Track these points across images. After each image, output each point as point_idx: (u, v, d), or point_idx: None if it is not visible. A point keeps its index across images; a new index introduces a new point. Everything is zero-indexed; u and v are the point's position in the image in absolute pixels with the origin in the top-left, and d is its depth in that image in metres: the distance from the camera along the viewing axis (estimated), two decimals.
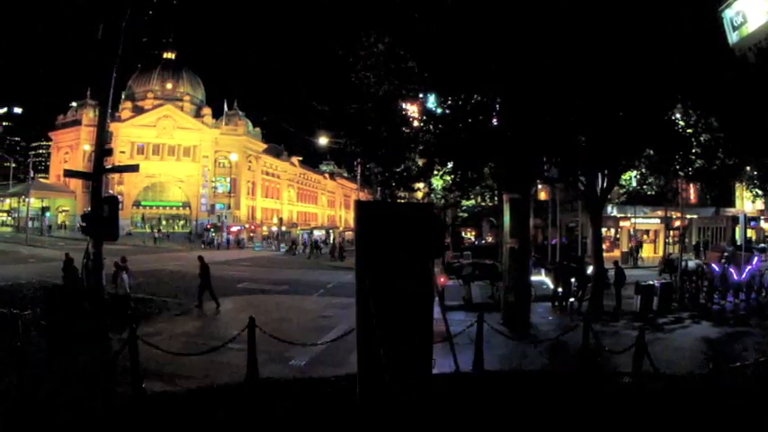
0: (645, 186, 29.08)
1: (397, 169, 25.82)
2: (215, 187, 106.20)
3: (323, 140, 48.64)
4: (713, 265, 26.03)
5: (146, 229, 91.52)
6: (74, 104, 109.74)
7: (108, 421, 9.41)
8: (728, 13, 35.79)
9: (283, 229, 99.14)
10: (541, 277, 26.76)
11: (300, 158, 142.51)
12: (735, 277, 25.41)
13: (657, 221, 53.96)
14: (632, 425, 9.72)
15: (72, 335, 15.03)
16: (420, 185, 33.37)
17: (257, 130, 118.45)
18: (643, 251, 52.90)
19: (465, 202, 43.22)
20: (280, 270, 44.74)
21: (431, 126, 21.03)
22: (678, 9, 18.38)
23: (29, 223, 74.02)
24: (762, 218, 55.78)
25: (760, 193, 35.66)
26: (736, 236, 46.93)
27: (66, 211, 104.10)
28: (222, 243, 79.34)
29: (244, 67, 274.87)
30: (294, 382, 11.89)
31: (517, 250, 20.28)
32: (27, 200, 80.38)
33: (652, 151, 22.25)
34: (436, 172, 23.04)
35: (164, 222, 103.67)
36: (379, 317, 8.86)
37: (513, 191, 20.65)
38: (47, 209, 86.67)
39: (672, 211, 45.60)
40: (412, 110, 23.40)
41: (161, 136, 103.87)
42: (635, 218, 51.47)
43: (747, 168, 31.40)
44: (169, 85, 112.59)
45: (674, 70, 18.63)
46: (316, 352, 14.52)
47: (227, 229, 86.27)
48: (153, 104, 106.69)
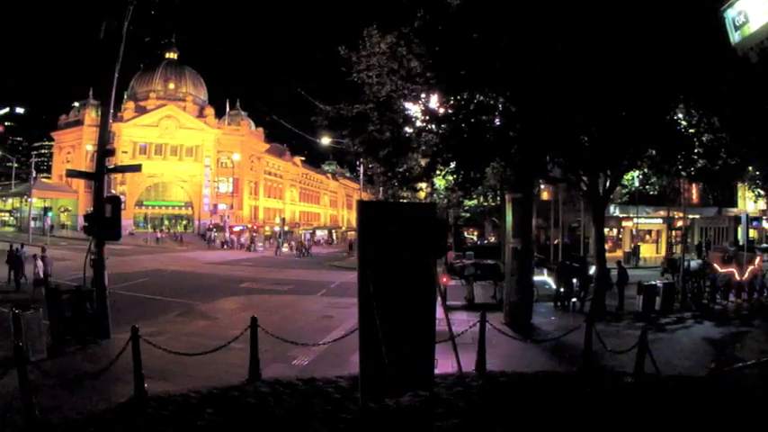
0: (647, 186, 29.14)
1: (400, 169, 25.79)
2: (217, 187, 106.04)
3: (325, 140, 48.71)
4: (715, 266, 26.04)
5: (148, 228, 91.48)
6: (76, 104, 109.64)
7: (110, 421, 9.42)
8: (730, 13, 35.62)
9: (286, 228, 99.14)
10: (544, 277, 26.77)
11: (303, 158, 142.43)
12: (736, 277, 25.43)
13: (660, 221, 54.06)
14: (635, 425, 9.72)
15: (74, 334, 15.07)
16: (422, 185, 33.35)
17: (260, 129, 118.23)
18: (643, 251, 52.84)
19: (467, 202, 43.15)
20: (282, 270, 44.78)
21: (433, 126, 21.00)
22: (678, 9, 18.36)
23: (31, 223, 73.93)
24: (764, 218, 55.75)
25: (762, 193, 35.72)
26: (739, 236, 46.86)
27: (69, 210, 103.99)
28: (226, 243, 79.44)
29: (246, 67, 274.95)
30: (297, 382, 11.89)
31: (520, 250, 20.29)
32: (29, 200, 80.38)
33: (654, 151, 22.22)
34: (439, 172, 22.98)
35: (166, 222, 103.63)
36: (382, 317, 8.87)
37: (516, 191, 20.66)
38: (49, 209, 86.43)
39: (674, 211, 45.76)
40: (414, 110, 23.38)
41: (163, 136, 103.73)
42: (637, 218, 51.50)
43: (750, 168, 31.37)
44: (171, 85, 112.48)
45: (676, 70, 18.61)
46: (318, 352, 14.53)
47: (229, 229, 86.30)
48: (155, 104, 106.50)
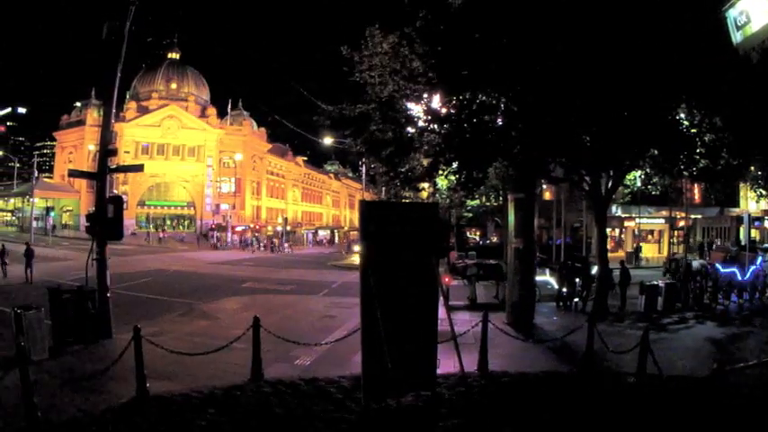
0: (649, 186, 29.02)
1: (402, 169, 25.78)
2: (220, 187, 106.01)
3: (328, 140, 48.72)
4: (717, 266, 26.01)
5: (150, 228, 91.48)
6: (78, 104, 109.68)
7: (112, 421, 9.42)
8: (732, 13, 35.58)
9: (288, 228, 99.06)
10: (546, 277, 26.78)
11: (305, 158, 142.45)
12: (739, 277, 25.40)
13: (662, 221, 54.03)
14: (637, 425, 9.72)
15: (76, 334, 15.08)
16: (425, 185, 33.37)
17: (262, 129, 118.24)
18: (645, 251, 52.81)
19: (470, 201, 43.20)
20: (284, 270, 44.79)
21: (435, 126, 21.00)
22: (678, 9, 18.34)
23: (33, 223, 73.97)
24: (766, 218, 55.58)
25: (764, 192, 35.57)
26: (741, 236, 46.84)
27: (71, 210, 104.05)
28: (228, 243, 79.55)
29: (248, 67, 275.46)
30: (299, 381, 11.89)
31: (522, 250, 20.29)
32: (31, 200, 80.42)
33: (656, 151, 22.21)
34: (441, 172, 22.98)
35: (168, 222, 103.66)
36: (384, 317, 8.87)
37: (518, 191, 20.66)
38: (51, 209, 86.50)
39: (676, 211, 45.65)
40: (417, 109, 23.37)
41: (166, 136, 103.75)
42: (639, 218, 51.48)
43: (752, 168, 31.31)
44: (174, 85, 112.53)
45: (678, 70, 18.60)
46: (320, 352, 14.50)
47: (231, 229, 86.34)
48: (157, 104, 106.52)
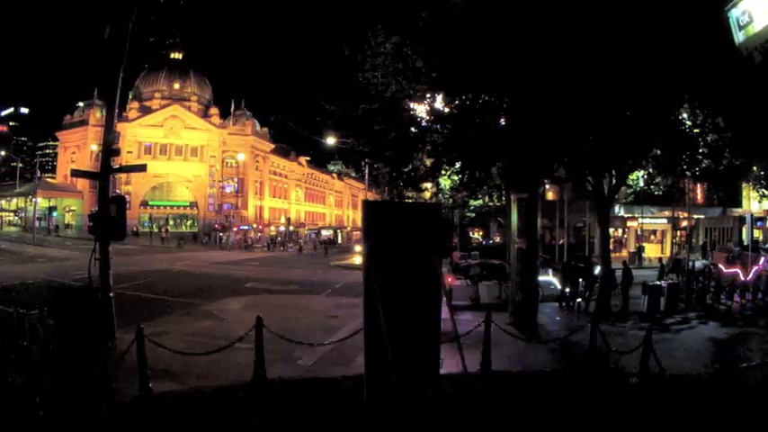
0: (652, 186, 29.02)
1: (405, 169, 25.80)
2: (222, 187, 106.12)
3: (331, 140, 48.64)
4: (720, 266, 25.99)
5: (153, 228, 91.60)
6: (81, 104, 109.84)
7: (114, 421, 9.44)
8: (735, 13, 35.51)
9: (291, 228, 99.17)
10: (549, 277, 26.73)
11: (308, 158, 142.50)
12: (741, 278, 25.37)
13: (665, 221, 53.91)
14: (640, 425, 9.72)
15: (79, 334, 15.09)
16: (428, 185, 33.34)
17: (265, 129, 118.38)
18: (648, 251, 52.74)
19: (473, 201, 43.12)
20: (287, 270, 44.80)
21: (438, 126, 21.02)
22: (679, 8, 18.32)
23: (36, 223, 74.17)
24: None
25: (767, 192, 35.52)
26: (743, 236, 46.77)
27: (73, 210, 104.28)
28: (231, 242, 79.66)
29: (251, 67, 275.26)
30: (301, 381, 11.90)
31: (525, 250, 20.27)
32: (34, 199, 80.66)
33: (659, 151, 22.20)
34: (444, 172, 23.03)
35: (171, 222, 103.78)
36: (387, 317, 8.87)
37: (521, 191, 20.63)
38: (54, 209, 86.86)
39: (679, 211, 45.53)
40: (420, 110, 23.37)
41: (168, 136, 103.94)
42: (642, 218, 51.36)
43: (754, 168, 31.29)
44: (176, 85, 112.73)
45: (680, 70, 18.58)
46: (323, 352, 14.51)
47: (234, 229, 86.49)
48: (160, 104, 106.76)
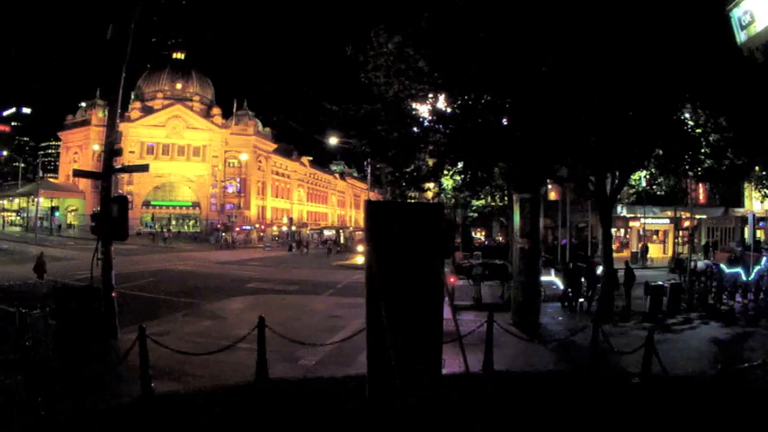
0: (654, 186, 29.02)
1: (408, 169, 25.73)
2: (225, 187, 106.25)
3: (333, 140, 48.63)
4: (722, 266, 25.93)
5: (156, 228, 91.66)
6: (83, 104, 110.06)
7: (116, 420, 9.45)
8: (736, 12, 35.58)
9: (293, 228, 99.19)
10: (551, 277, 26.72)
11: (310, 158, 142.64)
12: (743, 278, 25.32)
13: (667, 222, 53.80)
14: (642, 425, 9.71)
15: (81, 334, 15.10)
16: (430, 185, 33.29)
17: (267, 129, 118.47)
18: (650, 251, 52.69)
19: (475, 201, 43.13)
20: (289, 270, 44.82)
21: (441, 126, 21.00)
22: (681, 8, 18.29)
23: (38, 223, 74.24)
24: None
25: None
26: (746, 236, 46.73)
27: (76, 210, 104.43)
28: (235, 242, 79.74)
29: (254, 67, 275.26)
30: (303, 381, 11.91)
31: (527, 250, 20.26)
32: (36, 200, 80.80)
33: (661, 151, 22.18)
34: (446, 172, 22.98)
35: (173, 222, 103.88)
36: (389, 317, 8.86)
37: (524, 191, 20.62)
38: (56, 209, 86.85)
39: (681, 211, 45.50)
40: (422, 110, 23.35)
41: (171, 136, 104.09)
42: (644, 218, 51.31)
43: (756, 168, 31.25)
44: (179, 85, 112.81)
45: (682, 70, 18.56)
46: (325, 352, 14.52)
47: (236, 229, 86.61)
48: (162, 104, 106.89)
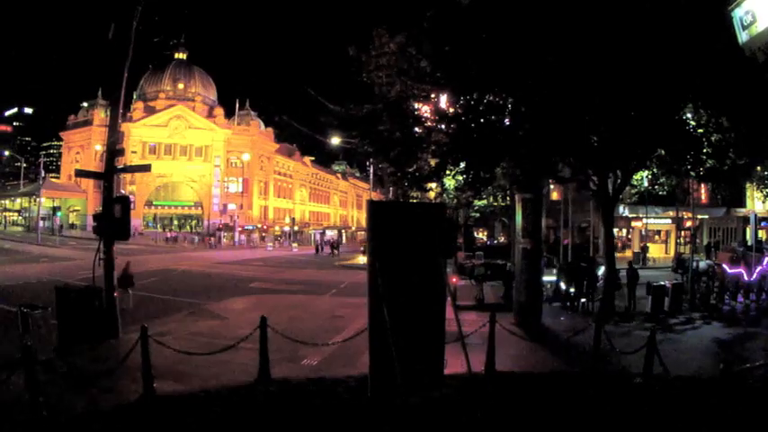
0: (656, 186, 28.99)
1: (410, 169, 25.75)
2: (227, 187, 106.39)
3: (335, 140, 48.61)
4: (724, 266, 25.89)
5: (158, 228, 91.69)
6: (85, 104, 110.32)
7: (118, 420, 9.45)
8: (738, 12, 35.56)
9: (296, 228, 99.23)
10: (553, 277, 26.71)
11: (313, 158, 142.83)
12: (745, 278, 25.28)
13: (669, 222, 53.89)
14: (644, 425, 9.71)
15: (83, 333, 15.10)
16: (432, 185, 33.30)
17: (269, 129, 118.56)
18: (652, 252, 52.71)
19: (477, 202, 43.15)
20: (292, 270, 44.85)
21: (443, 126, 21.00)
22: (683, 8, 18.27)
23: (40, 223, 74.27)
24: None
25: None
26: (747, 236, 46.69)
27: (78, 210, 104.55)
28: (235, 242, 79.77)
29: (256, 67, 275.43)
30: (306, 381, 11.91)
31: (529, 250, 20.26)
32: (38, 199, 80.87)
33: (663, 151, 22.16)
34: (448, 172, 22.95)
35: (175, 222, 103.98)
36: (391, 317, 8.87)
37: (526, 191, 20.62)
38: (58, 208, 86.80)
39: (683, 211, 45.56)
40: (424, 109, 23.36)
41: (173, 136, 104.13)
42: (646, 218, 51.35)
43: (758, 168, 31.24)
44: (181, 86, 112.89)
45: (684, 70, 18.54)
46: (328, 352, 14.50)
47: (238, 229, 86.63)
48: (165, 104, 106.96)
